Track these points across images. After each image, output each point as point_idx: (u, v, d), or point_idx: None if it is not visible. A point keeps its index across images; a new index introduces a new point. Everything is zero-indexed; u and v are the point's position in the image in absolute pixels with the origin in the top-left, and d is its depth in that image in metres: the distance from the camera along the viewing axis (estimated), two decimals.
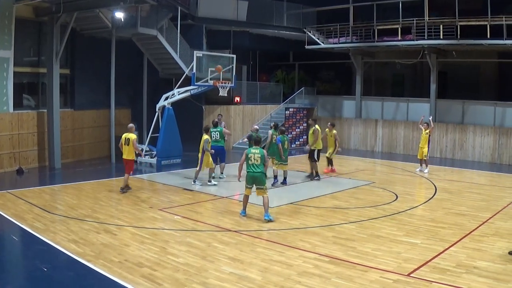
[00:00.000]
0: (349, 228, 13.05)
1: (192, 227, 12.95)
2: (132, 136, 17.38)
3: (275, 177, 19.05)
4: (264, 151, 13.99)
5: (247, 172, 13.70)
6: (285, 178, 19.20)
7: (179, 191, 17.82)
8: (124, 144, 17.46)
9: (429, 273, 9.61)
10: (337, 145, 22.07)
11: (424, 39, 27.79)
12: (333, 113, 34.90)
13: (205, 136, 18.44)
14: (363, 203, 16.21)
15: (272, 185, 18.35)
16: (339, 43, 31.62)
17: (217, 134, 19.97)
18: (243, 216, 13.88)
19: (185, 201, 16.17)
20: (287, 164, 19.21)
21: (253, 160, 13.64)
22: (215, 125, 20.17)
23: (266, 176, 13.97)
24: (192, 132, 25.54)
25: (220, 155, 20.06)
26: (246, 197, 14.06)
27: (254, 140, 14.49)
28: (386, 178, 21.24)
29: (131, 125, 18.20)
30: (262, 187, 13.59)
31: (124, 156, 17.63)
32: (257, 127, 21.72)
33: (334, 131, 22.09)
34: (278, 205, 15.59)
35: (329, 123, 22.62)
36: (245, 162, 13.95)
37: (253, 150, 13.81)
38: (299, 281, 9.17)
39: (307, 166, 21.32)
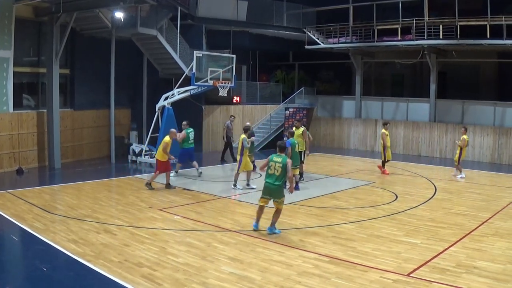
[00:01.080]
0: (349, 228, 13.05)
1: (192, 227, 12.95)
2: (166, 138, 17.85)
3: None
4: (289, 160, 12.24)
5: (265, 181, 12.33)
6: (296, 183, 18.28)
7: (179, 191, 17.82)
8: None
9: (429, 273, 9.62)
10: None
11: (424, 39, 27.80)
12: (333, 113, 34.93)
13: (243, 136, 18.43)
14: (363, 203, 16.22)
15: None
16: (339, 43, 31.63)
17: (193, 134, 20.43)
18: (255, 229, 12.52)
19: (185, 201, 16.18)
20: (297, 168, 18.10)
21: (273, 169, 12.14)
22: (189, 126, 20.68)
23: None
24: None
25: (191, 156, 20.53)
26: (261, 209, 12.54)
27: (279, 147, 12.66)
28: (386, 178, 21.24)
29: (172, 130, 18.65)
30: (278, 200, 12.20)
31: (157, 157, 18.27)
32: (249, 124, 21.77)
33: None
34: None
35: (387, 124, 22.83)
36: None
37: (275, 158, 12.22)
38: (299, 281, 9.17)
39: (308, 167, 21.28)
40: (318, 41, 32.07)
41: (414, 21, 28.08)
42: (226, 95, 24.00)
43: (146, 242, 11.47)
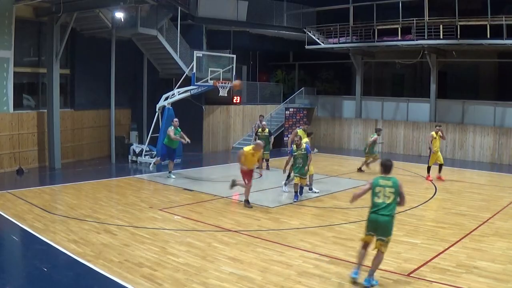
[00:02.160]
0: (349, 228, 13.05)
1: (192, 227, 12.95)
2: (246, 148, 16.00)
3: (296, 192, 16.56)
4: (401, 183, 9.51)
5: (369, 212, 9.48)
6: (301, 189, 16.83)
7: (179, 191, 17.82)
8: None
9: (429, 273, 9.63)
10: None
11: (424, 39, 27.78)
12: (333, 113, 34.93)
13: (306, 139, 17.86)
14: (363, 203, 15.97)
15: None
16: (339, 43, 31.61)
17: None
18: (355, 277, 9.24)
19: (185, 201, 16.18)
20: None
21: (382, 196, 9.31)
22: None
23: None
24: (192, 132, 25.46)
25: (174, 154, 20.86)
26: (363, 250, 9.46)
27: (385, 167, 9.71)
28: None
29: (260, 142, 16.51)
30: (385, 239, 9.19)
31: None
32: (265, 123, 21.77)
33: (440, 133, 21.23)
34: (278, 205, 15.62)
35: (437, 126, 21.71)
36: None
37: (382, 181, 9.42)
38: (299, 281, 9.18)
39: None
40: (318, 41, 32.05)
41: (414, 21, 28.06)
42: (226, 95, 24.01)
43: (146, 242, 11.47)
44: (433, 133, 21.08)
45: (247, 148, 15.86)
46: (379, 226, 9.20)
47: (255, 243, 11.56)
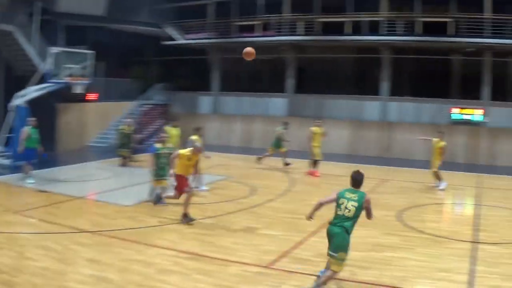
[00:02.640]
0: (207, 224, 13.21)
1: (49, 230, 12.52)
2: (181, 151, 14.04)
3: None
4: (368, 198, 8.95)
5: (330, 223, 9.14)
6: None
7: (35, 192, 17.04)
8: None
9: (289, 263, 9.99)
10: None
11: (282, 35, 28.49)
12: (190, 109, 34.96)
13: (194, 137, 17.18)
14: (220, 198, 16.41)
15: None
16: (197, 39, 31.79)
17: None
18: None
19: (41, 203, 15.54)
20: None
21: (343, 209, 8.87)
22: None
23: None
24: (47, 131, 24.60)
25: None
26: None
27: (353, 179, 9.21)
28: (243, 172, 21.63)
29: (198, 145, 14.47)
30: (335, 254, 8.65)
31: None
32: (130, 120, 21.42)
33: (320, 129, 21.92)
34: (135, 203, 15.37)
35: (317, 122, 22.33)
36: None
37: (348, 194, 8.96)
38: (159, 279, 9.21)
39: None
40: (176, 37, 32.08)
41: (273, 18, 28.71)
42: (83, 92, 23.51)
43: (2, 247, 10.93)
44: (313, 128, 21.76)
45: (182, 151, 13.96)
46: (330, 238, 8.86)
47: (113, 243, 11.40)
